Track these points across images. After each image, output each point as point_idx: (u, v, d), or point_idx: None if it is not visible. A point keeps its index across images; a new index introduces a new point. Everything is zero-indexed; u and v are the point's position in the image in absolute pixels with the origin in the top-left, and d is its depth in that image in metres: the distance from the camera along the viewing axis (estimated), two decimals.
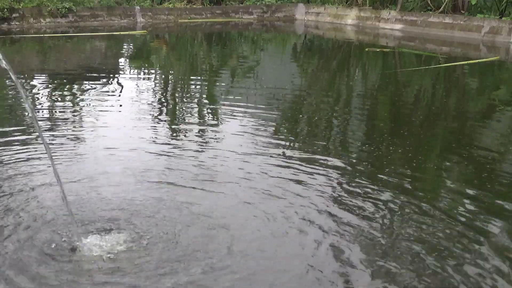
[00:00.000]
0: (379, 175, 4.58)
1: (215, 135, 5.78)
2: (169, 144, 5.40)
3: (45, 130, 5.73)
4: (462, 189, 4.39)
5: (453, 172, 4.81)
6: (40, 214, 3.71)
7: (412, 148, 5.47)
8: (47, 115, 6.56)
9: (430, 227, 3.66)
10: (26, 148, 5.11)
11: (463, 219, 3.81)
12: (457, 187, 4.44)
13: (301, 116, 6.96)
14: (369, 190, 4.25)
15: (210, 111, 7.09)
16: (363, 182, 4.42)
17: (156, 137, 5.61)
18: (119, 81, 9.08)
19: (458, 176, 4.71)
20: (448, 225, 3.69)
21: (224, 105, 7.26)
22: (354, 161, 5.04)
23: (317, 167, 4.72)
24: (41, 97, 7.63)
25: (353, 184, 4.38)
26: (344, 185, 4.36)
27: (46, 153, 4.78)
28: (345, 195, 4.16)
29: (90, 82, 8.68)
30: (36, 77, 9.30)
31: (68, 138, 5.51)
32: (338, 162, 4.89)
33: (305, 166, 4.72)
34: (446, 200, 4.19)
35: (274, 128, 6.07)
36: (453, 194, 4.29)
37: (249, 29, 18.75)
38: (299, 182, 4.37)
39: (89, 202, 3.91)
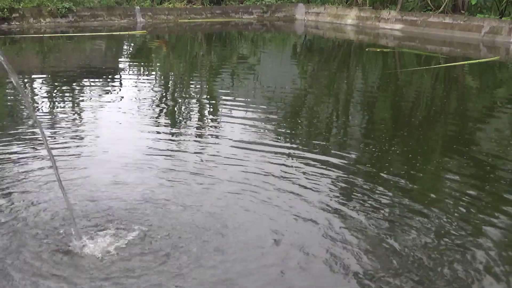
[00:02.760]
0: (379, 176, 4.58)
1: (216, 135, 5.79)
2: (169, 144, 5.40)
3: (45, 129, 5.73)
4: (462, 189, 4.39)
5: (453, 172, 4.81)
6: (40, 213, 3.71)
7: (412, 148, 5.47)
8: (47, 115, 6.55)
9: (430, 227, 3.65)
10: (26, 147, 5.11)
11: (463, 220, 3.81)
12: (457, 188, 4.44)
13: (301, 116, 6.95)
14: (369, 190, 4.24)
15: (210, 110, 7.08)
16: (363, 182, 4.42)
17: (156, 137, 5.61)
18: (119, 81, 9.07)
19: (459, 176, 4.70)
20: (448, 226, 3.69)
21: (224, 104, 7.26)
22: (354, 161, 5.04)
23: (316, 168, 4.71)
24: (41, 97, 7.63)
25: (353, 184, 4.38)
26: (344, 186, 4.36)
27: (47, 152, 4.78)
28: (345, 195, 4.16)
29: (90, 82, 8.68)
30: (36, 77, 9.30)
31: (68, 138, 5.50)
32: (337, 163, 4.89)
33: (305, 167, 4.72)
34: (446, 200, 4.19)
35: (274, 128, 6.06)
36: (454, 195, 4.29)
37: (249, 29, 18.75)
38: (299, 182, 4.37)
39: (89, 201, 3.91)
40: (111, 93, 7.97)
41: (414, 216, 3.81)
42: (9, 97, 7.62)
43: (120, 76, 9.63)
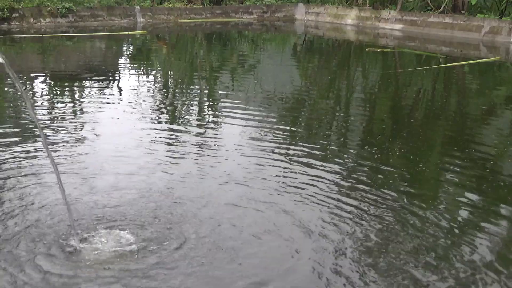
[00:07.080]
0: (378, 176, 4.58)
1: (216, 135, 5.79)
2: (169, 144, 5.40)
3: (45, 129, 5.73)
4: (463, 190, 4.39)
5: (453, 173, 4.81)
6: (40, 213, 3.71)
7: (412, 149, 5.47)
8: (47, 115, 6.54)
9: (430, 228, 3.65)
10: (27, 148, 5.11)
11: (463, 220, 3.81)
12: (458, 188, 4.44)
13: (300, 116, 6.95)
14: (368, 191, 4.24)
15: (210, 110, 7.08)
16: (363, 182, 4.42)
17: (156, 137, 5.61)
18: (119, 81, 9.07)
19: (459, 177, 4.70)
20: (448, 227, 3.70)
21: (224, 105, 7.26)
22: (354, 161, 5.04)
23: (316, 168, 4.72)
24: (41, 97, 7.63)
25: (353, 185, 4.37)
26: (343, 186, 4.35)
27: (46, 153, 4.78)
28: (344, 196, 4.15)
29: (90, 82, 8.68)
30: (36, 77, 9.29)
31: (68, 138, 5.49)
32: (337, 163, 4.89)
33: (305, 167, 4.72)
34: (446, 201, 4.19)
35: (273, 128, 6.06)
36: (454, 195, 4.29)
37: (249, 29, 18.75)
38: (297, 182, 4.37)
39: (89, 202, 3.91)
40: (110, 92, 7.96)
41: (414, 217, 3.80)
42: (9, 97, 7.62)
43: (120, 76, 9.63)
